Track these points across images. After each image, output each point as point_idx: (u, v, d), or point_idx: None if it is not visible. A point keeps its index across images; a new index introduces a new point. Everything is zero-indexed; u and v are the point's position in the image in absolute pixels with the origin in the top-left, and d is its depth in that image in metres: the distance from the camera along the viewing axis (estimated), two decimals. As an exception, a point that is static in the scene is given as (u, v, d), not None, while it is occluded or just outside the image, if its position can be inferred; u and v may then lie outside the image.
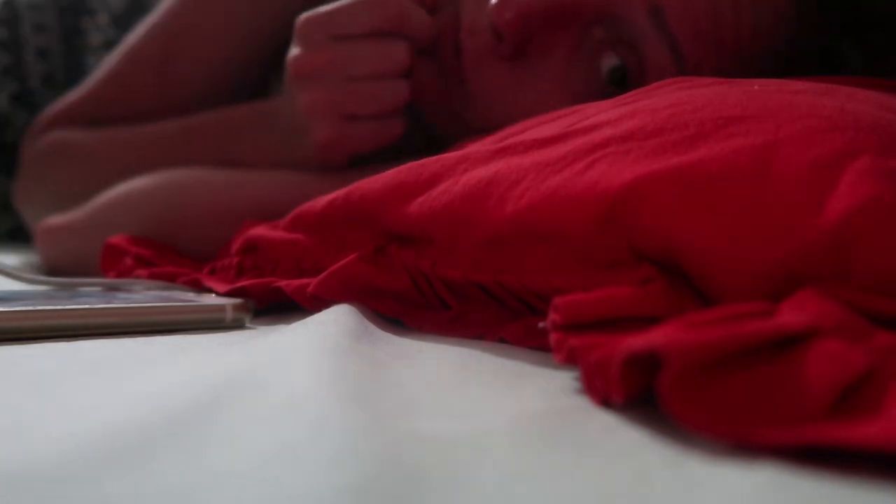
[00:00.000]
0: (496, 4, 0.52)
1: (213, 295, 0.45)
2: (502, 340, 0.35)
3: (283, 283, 0.43)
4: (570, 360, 0.26)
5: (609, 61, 0.52)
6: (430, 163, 0.40)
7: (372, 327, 0.36)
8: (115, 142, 0.71)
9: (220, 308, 0.40)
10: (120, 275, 0.53)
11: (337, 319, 0.35)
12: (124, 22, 1.01)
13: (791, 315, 0.24)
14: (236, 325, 0.41)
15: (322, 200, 0.44)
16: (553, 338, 0.27)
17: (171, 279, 0.51)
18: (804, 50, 0.53)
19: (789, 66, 0.52)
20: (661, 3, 0.49)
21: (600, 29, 0.52)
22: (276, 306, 0.45)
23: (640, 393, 0.23)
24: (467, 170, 0.38)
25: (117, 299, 0.41)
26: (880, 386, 0.21)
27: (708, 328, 0.23)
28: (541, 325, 0.28)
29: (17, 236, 0.95)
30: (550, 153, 0.36)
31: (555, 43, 0.53)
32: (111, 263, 0.55)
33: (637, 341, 0.22)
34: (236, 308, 0.40)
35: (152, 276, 0.51)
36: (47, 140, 0.76)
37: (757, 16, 0.51)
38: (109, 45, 0.98)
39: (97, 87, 0.76)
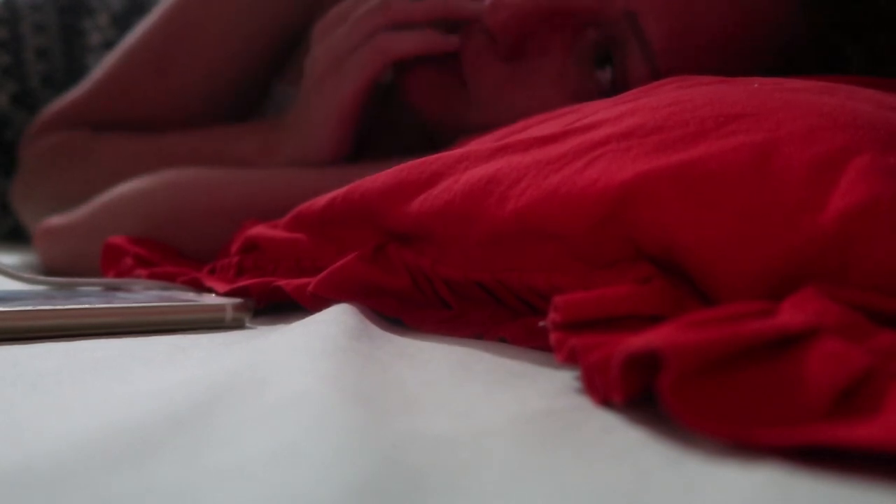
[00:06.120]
0: (489, 6, 0.53)
1: (213, 295, 0.45)
2: (502, 340, 0.35)
3: (283, 282, 0.43)
4: (570, 359, 0.26)
5: (602, 60, 0.53)
6: (431, 161, 0.40)
7: (372, 326, 0.36)
8: (118, 147, 0.71)
9: (220, 308, 0.40)
10: (120, 275, 0.53)
11: (337, 319, 0.35)
12: (124, 22, 1.01)
13: (791, 314, 0.24)
14: (236, 325, 0.41)
15: (322, 199, 0.44)
16: (553, 337, 0.27)
17: (170, 279, 0.51)
18: (805, 50, 0.53)
19: (790, 66, 0.52)
20: (636, 8, 0.50)
21: (593, 30, 0.53)
22: (276, 306, 0.45)
23: (641, 393, 0.23)
24: (468, 168, 0.38)
25: (117, 299, 0.41)
26: (880, 386, 0.21)
27: (708, 328, 0.23)
28: (541, 324, 0.28)
29: (17, 236, 0.95)
30: (551, 151, 0.36)
31: (551, 42, 0.54)
32: (111, 263, 0.55)
33: (637, 342, 0.22)
34: (236, 308, 0.40)
35: (152, 276, 0.51)
36: (48, 141, 0.76)
37: (749, 19, 0.51)
38: (109, 45, 0.98)
39: (97, 88, 0.76)
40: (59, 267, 0.64)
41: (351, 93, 0.58)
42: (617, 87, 0.53)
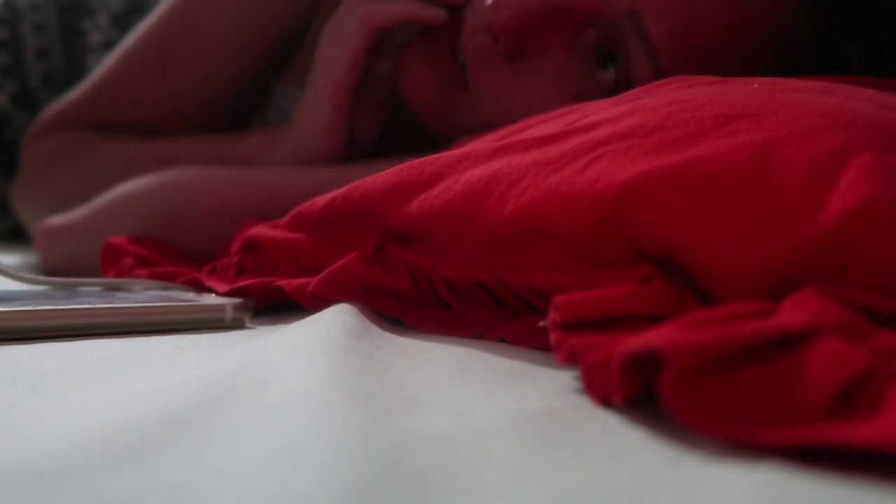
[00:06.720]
0: (491, 6, 0.54)
1: (213, 295, 0.45)
2: (502, 340, 0.35)
3: (283, 282, 0.43)
4: (570, 359, 0.26)
5: (604, 59, 0.54)
6: (431, 161, 0.40)
7: (372, 326, 0.36)
8: (119, 149, 0.71)
9: (220, 308, 0.40)
10: (120, 275, 0.53)
11: (337, 319, 0.35)
12: (124, 22, 1.01)
13: (791, 314, 0.24)
14: (236, 325, 0.41)
15: (322, 199, 0.44)
16: (553, 337, 0.27)
17: (170, 279, 0.51)
18: (805, 50, 0.53)
19: (790, 66, 0.52)
20: (638, 7, 0.50)
21: (593, 30, 0.53)
22: (276, 306, 0.45)
23: (640, 393, 0.23)
24: (468, 168, 0.38)
25: (117, 299, 0.41)
26: (880, 386, 0.21)
27: (708, 328, 0.23)
28: (541, 324, 0.28)
29: (17, 236, 0.95)
30: (551, 151, 0.36)
31: (552, 42, 0.54)
32: (111, 263, 0.55)
33: (637, 342, 0.22)
34: (236, 308, 0.40)
35: (152, 276, 0.51)
36: (49, 142, 0.76)
37: (749, 19, 0.51)
38: (109, 45, 0.98)
39: (97, 88, 0.76)
40: (59, 267, 0.64)
41: (342, 65, 0.59)
42: (620, 86, 0.53)
